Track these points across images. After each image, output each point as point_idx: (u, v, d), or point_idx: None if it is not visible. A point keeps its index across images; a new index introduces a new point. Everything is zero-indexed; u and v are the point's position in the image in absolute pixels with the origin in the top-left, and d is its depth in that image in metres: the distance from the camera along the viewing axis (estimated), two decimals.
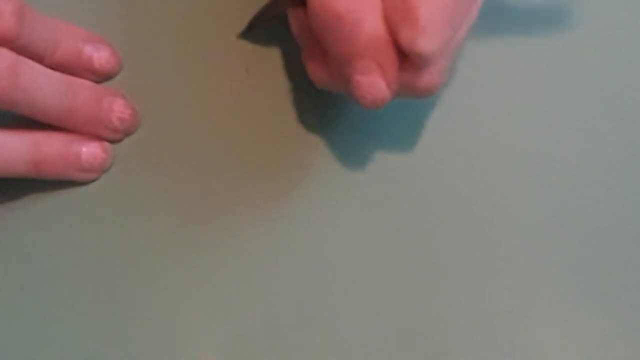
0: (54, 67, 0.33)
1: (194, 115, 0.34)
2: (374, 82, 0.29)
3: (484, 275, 0.33)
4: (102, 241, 0.33)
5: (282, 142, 0.34)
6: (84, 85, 0.33)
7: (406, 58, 0.28)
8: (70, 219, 0.33)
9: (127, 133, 0.34)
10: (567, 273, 0.33)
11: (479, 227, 0.33)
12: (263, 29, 0.35)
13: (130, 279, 0.33)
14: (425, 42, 0.27)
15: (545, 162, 0.34)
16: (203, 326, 0.32)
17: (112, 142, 0.34)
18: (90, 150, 0.33)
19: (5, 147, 0.31)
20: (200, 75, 0.35)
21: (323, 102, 0.34)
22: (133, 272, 0.33)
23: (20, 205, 0.34)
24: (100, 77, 0.34)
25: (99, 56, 0.34)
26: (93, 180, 0.34)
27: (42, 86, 0.31)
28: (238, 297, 0.33)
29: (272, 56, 0.35)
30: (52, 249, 0.33)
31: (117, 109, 0.34)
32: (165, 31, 0.35)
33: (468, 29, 0.30)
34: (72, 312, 0.32)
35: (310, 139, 0.34)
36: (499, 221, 0.33)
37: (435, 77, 0.29)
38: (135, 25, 0.35)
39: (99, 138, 0.34)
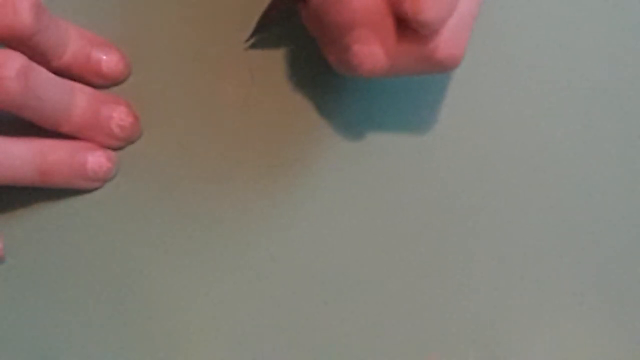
0: (62, 68, 0.33)
1: (199, 122, 0.34)
2: (371, 50, 0.29)
3: (484, 270, 0.33)
4: (106, 247, 0.33)
5: (288, 150, 0.34)
6: (82, 91, 0.33)
7: (415, 31, 0.29)
8: (75, 225, 0.33)
9: (129, 141, 0.34)
10: (568, 273, 0.34)
11: (482, 221, 0.34)
12: (268, 35, 0.35)
13: (133, 284, 0.33)
14: (427, 11, 0.28)
15: (547, 162, 0.35)
16: (204, 330, 0.32)
17: (113, 149, 0.34)
18: (95, 160, 0.33)
19: (11, 156, 0.30)
20: (205, 83, 0.35)
21: (329, 108, 0.35)
22: (136, 277, 0.33)
23: (24, 212, 0.33)
24: (109, 81, 0.34)
25: (108, 60, 0.34)
26: (97, 188, 0.33)
27: (47, 91, 0.31)
28: (240, 301, 0.33)
29: (278, 64, 0.35)
30: (55, 255, 0.33)
31: (117, 116, 0.33)
32: (170, 39, 0.35)
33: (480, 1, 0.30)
34: (76, 317, 0.32)
35: (318, 146, 0.34)
36: (500, 212, 0.34)
37: (453, 48, 0.30)
38: (141, 33, 0.35)
39: (100, 145, 0.33)
